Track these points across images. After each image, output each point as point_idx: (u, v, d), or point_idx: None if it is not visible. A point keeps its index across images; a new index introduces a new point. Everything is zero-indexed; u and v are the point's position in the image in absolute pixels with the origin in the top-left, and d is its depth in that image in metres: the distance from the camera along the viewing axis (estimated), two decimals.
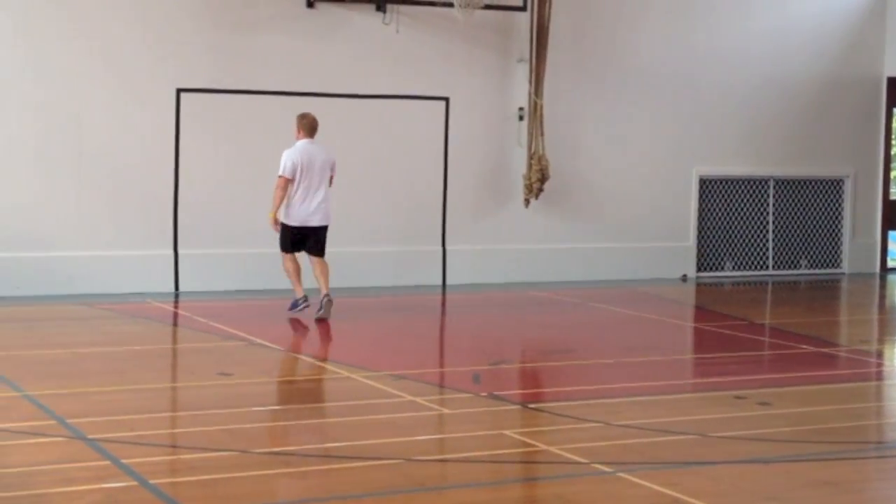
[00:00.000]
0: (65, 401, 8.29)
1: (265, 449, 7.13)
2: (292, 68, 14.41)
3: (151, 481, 6.41)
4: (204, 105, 14.04)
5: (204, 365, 9.74)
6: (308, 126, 12.15)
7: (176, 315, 12.65)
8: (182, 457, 7.06)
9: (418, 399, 8.61)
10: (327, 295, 11.92)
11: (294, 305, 12.15)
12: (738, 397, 8.95)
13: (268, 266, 14.25)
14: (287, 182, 11.92)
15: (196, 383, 9.12)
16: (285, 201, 12.01)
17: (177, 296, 13.78)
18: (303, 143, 12.12)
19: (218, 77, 14.10)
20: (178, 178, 13.97)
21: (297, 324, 11.95)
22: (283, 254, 12.21)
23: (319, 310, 11.86)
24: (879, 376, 10.64)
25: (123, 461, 6.76)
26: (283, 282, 14.52)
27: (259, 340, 10.86)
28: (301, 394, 8.78)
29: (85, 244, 13.63)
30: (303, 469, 6.77)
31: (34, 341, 10.79)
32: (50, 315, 12.24)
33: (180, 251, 14.04)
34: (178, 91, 13.93)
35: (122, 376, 9.20)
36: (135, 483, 6.40)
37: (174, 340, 11.51)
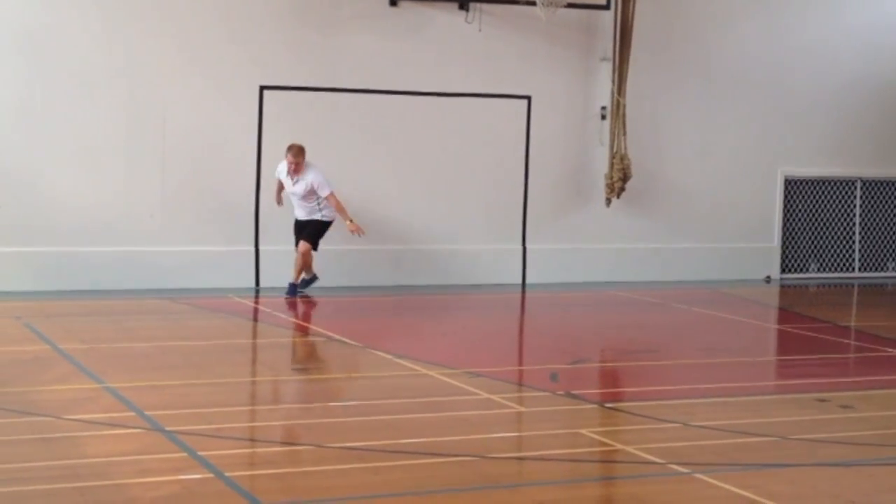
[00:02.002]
0: (144, 393, 8.39)
1: (340, 444, 7.16)
2: (374, 67, 14.47)
3: (227, 474, 6.47)
4: (286, 103, 14.15)
5: (281, 360, 9.81)
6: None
7: (256, 310, 12.76)
8: (258, 450, 7.12)
9: (495, 397, 8.59)
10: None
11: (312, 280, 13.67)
12: (820, 400, 8.81)
13: (346, 263, 14.35)
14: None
15: (273, 378, 9.19)
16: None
17: (257, 292, 13.91)
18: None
19: (301, 75, 14.19)
20: (259, 175, 14.09)
21: (374, 320, 11.99)
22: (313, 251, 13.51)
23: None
24: None
25: (200, 453, 6.83)
26: (361, 279, 14.67)
27: (337, 336, 10.91)
28: (377, 390, 8.80)
29: (168, 240, 13.80)
30: (377, 464, 6.79)
31: (116, 335, 10.95)
32: (132, 309, 12.41)
33: (261, 247, 14.16)
34: (262, 88, 14.05)
35: (201, 370, 9.31)
36: (211, 475, 6.46)
37: (253, 335, 11.61)
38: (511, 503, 6.24)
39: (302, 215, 13.49)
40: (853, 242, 17.22)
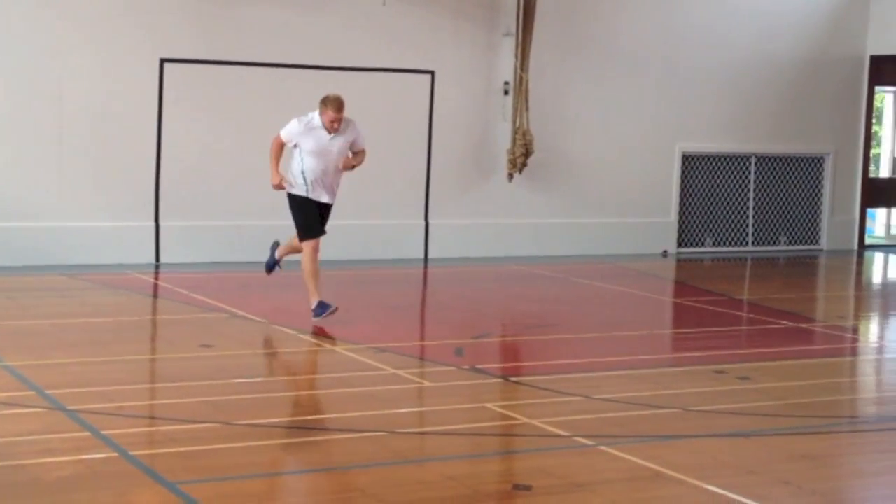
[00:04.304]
0: (44, 371, 8.26)
1: (246, 421, 7.13)
2: (278, 40, 14.34)
3: (132, 453, 6.41)
4: (188, 76, 13.97)
5: (185, 337, 9.73)
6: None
7: (157, 287, 12.62)
8: (162, 428, 7.06)
9: (400, 372, 8.63)
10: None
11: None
12: (718, 372, 9.00)
13: (248, 238, 14.24)
14: None
15: (177, 355, 9.11)
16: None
17: (157, 267, 13.75)
18: None
19: (202, 48, 14.01)
20: (160, 149, 13.91)
21: (279, 296, 11.94)
22: None
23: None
24: (855, 352, 10.72)
25: (103, 432, 6.75)
26: (265, 254, 14.52)
27: (241, 313, 10.85)
28: (283, 366, 8.78)
29: (66, 215, 13.57)
30: (284, 441, 6.78)
31: (14, 312, 10.75)
32: (30, 286, 12.19)
33: (162, 223, 13.99)
34: (162, 61, 13.85)
35: (102, 347, 9.19)
36: (115, 454, 6.40)
37: (155, 312, 11.48)
38: (419, 478, 6.28)
39: (324, 193, 10.56)
40: (747, 217, 17.56)
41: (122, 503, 5.70)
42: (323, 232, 10.64)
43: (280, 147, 10.52)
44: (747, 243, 17.60)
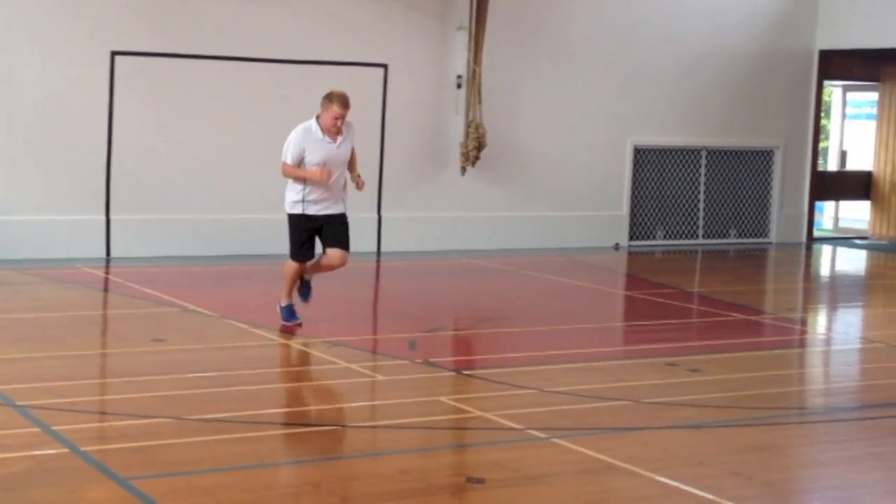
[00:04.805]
0: None
1: (199, 416, 7.11)
2: (229, 33, 14.27)
3: (83, 448, 6.37)
4: (139, 69, 13.85)
5: (136, 331, 9.67)
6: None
7: (107, 281, 12.53)
8: (114, 424, 7.01)
9: (353, 366, 8.62)
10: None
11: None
12: (669, 364, 9.07)
13: (202, 232, 14.18)
14: None
15: (128, 350, 9.05)
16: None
17: (108, 262, 13.64)
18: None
19: (153, 40, 13.90)
20: (111, 142, 13.80)
21: (229, 290, 11.89)
22: None
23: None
24: (804, 343, 10.86)
25: (54, 428, 6.70)
26: (217, 248, 14.47)
27: (193, 307, 10.80)
28: (235, 360, 8.75)
29: (15, 209, 13.42)
30: (238, 435, 6.76)
31: None
32: None
33: (112, 217, 13.88)
34: (113, 54, 13.73)
35: (51, 342, 9.11)
36: (66, 450, 6.35)
37: (106, 307, 11.40)
38: (373, 472, 6.29)
39: (330, 204, 9.85)
40: (698, 210, 17.70)
41: (74, 499, 5.67)
42: (342, 244, 9.88)
43: (293, 167, 9.78)
44: (698, 236, 17.74)
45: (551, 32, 16.15)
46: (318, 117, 9.83)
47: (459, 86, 15.49)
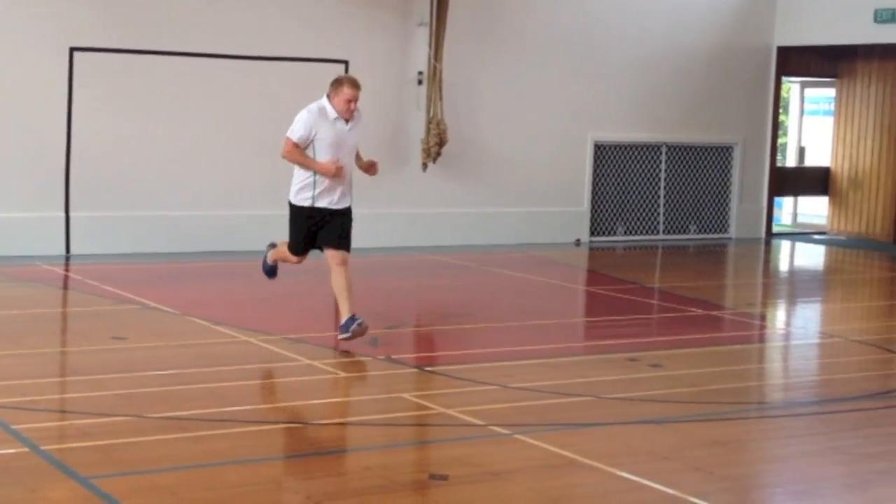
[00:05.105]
0: None
1: (160, 414, 7.08)
2: (189, 28, 14.19)
3: (43, 447, 6.33)
4: (98, 65, 13.76)
5: (97, 329, 9.61)
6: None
7: (67, 278, 12.44)
8: (75, 422, 6.97)
9: (316, 362, 8.61)
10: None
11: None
12: (630, 360, 9.12)
13: (161, 229, 14.10)
14: None
15: (89, 347, 9.00)
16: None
17: (68, 259, 13.55)
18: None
19: (112, 36, 13.81)
20: (70, 139, 13.69)
21: (190, 287, 11.83)
22: None
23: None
24: (763, 338, 10.94)
25: (14, 427, 6.65)
26: (178, 245, 14.39)
27: (154, 304, 10.74)
28: (197, 358, 8.71)
29: None
30: (199, 433, 6.73)
31: None
32: None
33: (72, 213, 13.78)
34: (72, 50, 13.63)
35: (11, 341, 9.04)
36: (26, 449, 6.31)
37: (66, 304, 11.31)
38: (336, 469, 6.29)
39: (339, 198, 9.30)
40: (658, 206, 17.78)
41: (35, 499, 5.62)
42: (343, 243, 9.32)
43: (299, 150, 9.17)
44: (658, 232, 17.83)
45: (512, 29, 16.18)
46: (330, 101, 9.28)
47: (420, 82, 15.49)
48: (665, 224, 17.89)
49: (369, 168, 9.68)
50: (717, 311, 11.75)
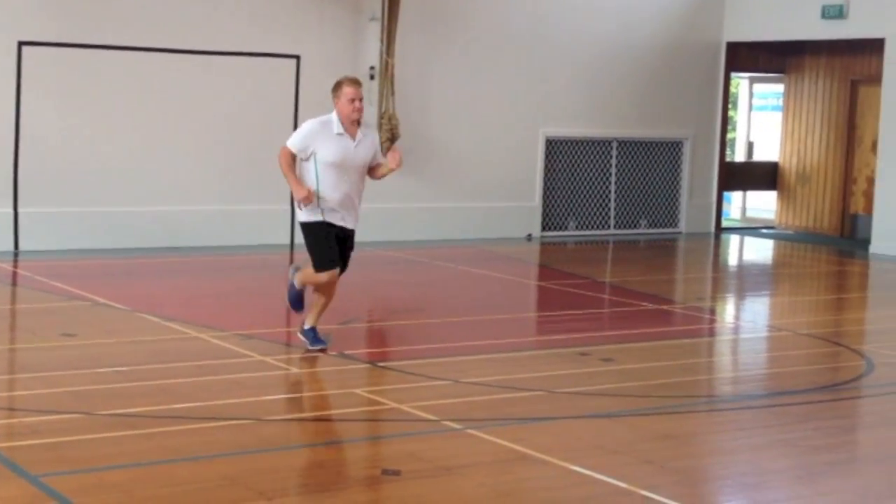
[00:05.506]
0: None
1: (110, 411, 7.04)
2: (139, 23, 14.09)
3: None
4: (47, 59, 13.62)
5: (46, 326, 9.53)
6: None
7: (16, 275, 12.31)
8: (24, 420, 6.92)
9: (268, 358, 8.59)
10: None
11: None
12: (582, 354, 9.17)
13: (113, 225, 14.00)
14: None
15: (38, 344, 8.92)
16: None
17: (16, 255, 13.42)
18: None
19: (61, 31, 13.68)
20: (18, 134, 13.55)
21: (141, 284, 11.76)
22: None
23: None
24: (713, 332, 11.04)
25: None
26: (128, 241, 14.28)
27: (104, 300, 10.67)
28: (147, 354, 8.66)
29: None
30: (151, 430, 6.71)
31: None
32: None
33: (20, 209, 13.65)
34: (20, 44, 13.49)
35: None
36: None
37: (14, 301, 11.20)
38: (288, 465, 6.28)
39: (345, 215, 8.86)
40: (609, 201, 17.88)
41: None
42: (341, 265, 8.81)
43: (291, 159, 8.56)
44: (609, 226, 17.92)
45: (464, 24, 16.19)
46: (336, 112, 8.58)
47: (372, 77, 15.47)
48: (616, 219, 17.99)
49: (393, 160, 8.80)
50: (667, 306, 11.84)
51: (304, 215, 8.66)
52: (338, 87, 8.59)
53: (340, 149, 8.50)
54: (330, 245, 8.64)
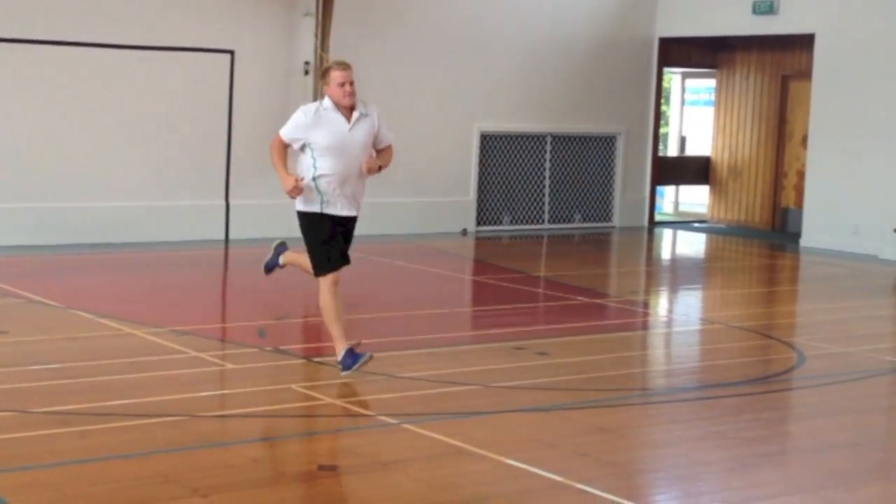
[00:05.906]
0: None
1: (44, 408, 6.96)
2: (71, 17, 13.91)
3: None
4: None
5: None
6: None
7: None
8: None
9: (202, 355, 8.55)
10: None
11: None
12: (517, 348, 9.21)
13: (44, 221, 13.83)
14: None
15: None
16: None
17: None
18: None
19: (5, 26, 13.46)
20: None
21: (74, 280, 11.63)
22: None
23: None
24: (647, 325, 11.14)
25: None
26: (61, 237, 14.12)
27: (37, 297, 10.54)
28: (81, 351, 8.58)
29: None
30: (84, 428, 6.65)
31: None
32: None
33: None
34: None
35: None
36: None
37: None
38: (222, 462, 6.25)
39: (348, 202, 8.29)
40: (543, 195, 17.97)
41: None
42: (345, 261, 8.20)
43: (282, 148, 8.22)
44: (544, 221, 18.01)
45: (398, 20, 16.19)
46: (328, 97, 8.11)
47: (307, 72, 15.41)
48: (550, 213, 18.08)
49: (370, 167, 8.26)
50: (601, 299, 11.93)
51: (300, 204, 8.24)
52: (326, 72, 8.18)
53: (334, 133, 8.04)
54: (329, 245, 8.14)
